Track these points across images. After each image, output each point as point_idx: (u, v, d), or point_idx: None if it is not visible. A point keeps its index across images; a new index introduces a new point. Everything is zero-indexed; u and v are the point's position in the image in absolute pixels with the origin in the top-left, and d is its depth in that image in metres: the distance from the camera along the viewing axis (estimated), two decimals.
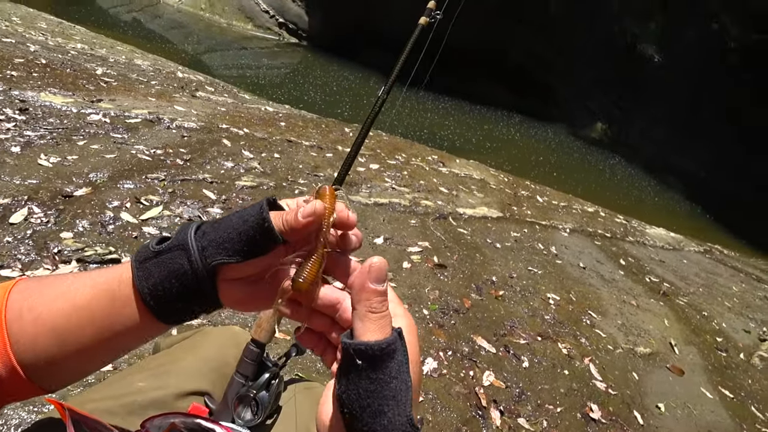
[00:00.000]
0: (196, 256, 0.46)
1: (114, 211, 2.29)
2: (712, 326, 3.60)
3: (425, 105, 11.34)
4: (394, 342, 0.39)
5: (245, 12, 13.46)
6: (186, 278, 0.46)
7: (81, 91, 3.71)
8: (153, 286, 0.46)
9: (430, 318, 2.43)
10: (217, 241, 0.46)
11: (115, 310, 0.47)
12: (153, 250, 0.47)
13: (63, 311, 0.46)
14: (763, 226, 11.61)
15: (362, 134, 0.89)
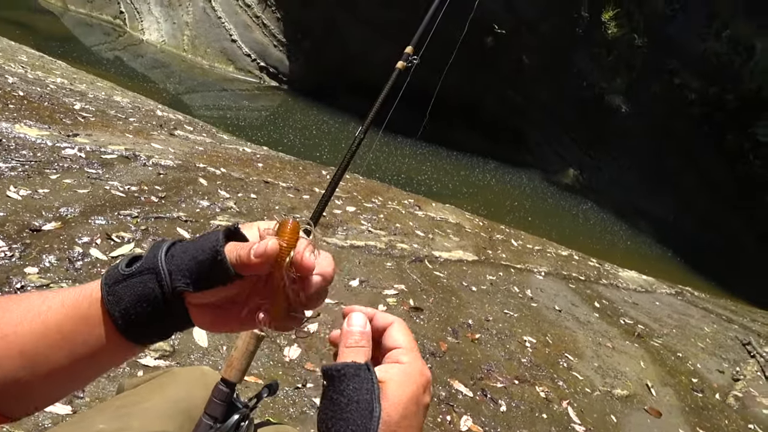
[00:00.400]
0: (167, 280, 0.45)
1: (83, 247, 2.22)
2: (687, 367, 3.63)
3: (403, 150, 11.56)
4: (353, 367, 0.44)
5: (227, 55, 13.71)
6: (157, 302, 0.46)
7: (57, 125, 3.67)
8: (124, 310, 0.46)
9: None
10: (181, 267, 0.46)
11: (86, 330, 0.46)
12: (123, 273, 0.47)
13: (32, 332, 0.45)
14: (729, 268, 12.01)
15: (339, 172, 0.90)
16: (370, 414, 0.42)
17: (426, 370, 0.48)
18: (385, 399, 0.44)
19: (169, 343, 1.90)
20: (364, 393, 0.43)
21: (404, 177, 9.90)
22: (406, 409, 0.44)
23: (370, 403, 0.42)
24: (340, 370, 0.44)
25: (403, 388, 0.45)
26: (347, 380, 0.44)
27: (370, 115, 0.89)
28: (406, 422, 0.44)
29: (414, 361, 0.48)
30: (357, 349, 0.47)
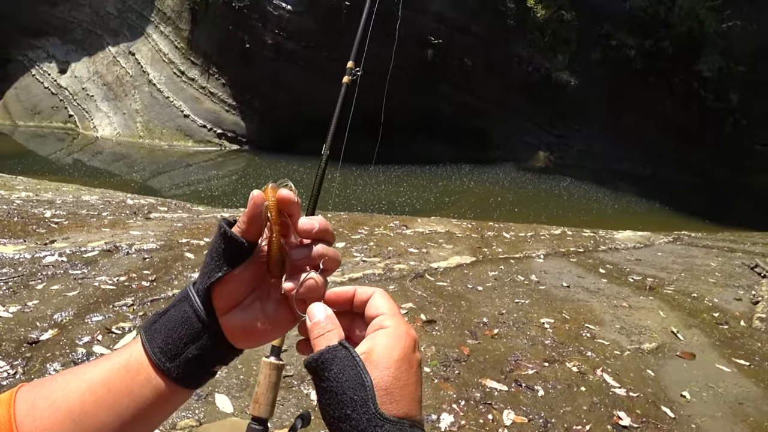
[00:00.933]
0: (196, 300, 0.50)
1: (86, 346, 2.18)
2: (705, 304, 3.65)
3: (377, 178, 11.66)
4: (328, 351, 0.46)
5: (183, 131, 13.81)
6: (191, 322, 0.50)
7: (32, 236, 3.63)
8: (162, 343, 0.49)
9: (433, 374, 2.36)
10: (203, 274, 0.51)
11: (129, 379, 0.48)
12: (158, 313, 0.51)
13: (79, 391, 0.46)
14: (716, 202, 12.26)
15: (317, 188, 0.91)
16: (363, 386, 0.44)
17: (411, 331, 0.49)
18: (374, 366, 0.45)
19: (194, 419, 1.85)
20: (349, 370, 0.45)
21: (385, 203, 9.96)
22: (398, 370, 0.45)
23: (358, 376, 0.44)
24: (318, 359, 0.46)
25: (389, 350, 0.46)
26: (328, 365, 0.45)
27: (330, 130, 0.91)
28: (400, 382, 0.45)
29: (397, 324, 0.49)
30: (326, 335, 0.48)
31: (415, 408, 0.46)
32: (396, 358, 0.46)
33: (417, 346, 0.49)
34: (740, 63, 12.87)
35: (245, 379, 2.11)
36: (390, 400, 0.44)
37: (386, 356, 0.46)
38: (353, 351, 0.46)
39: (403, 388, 0.45)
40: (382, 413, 0.43)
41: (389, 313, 0.50)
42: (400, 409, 0.44)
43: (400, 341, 0.47)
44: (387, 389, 0.44)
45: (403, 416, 0.44)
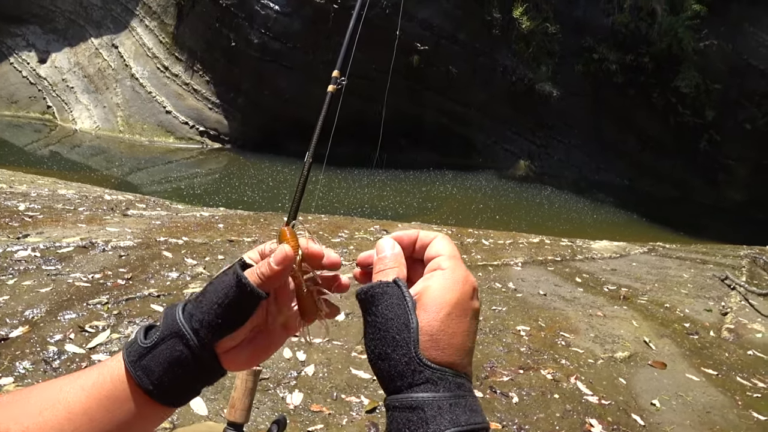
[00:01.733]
0: (194, 341, 0.46)
1: (57, 345, 2.13)
2: (677, 315, 3.74)
3: (360, 182, 11.66)
4: (380, 286, 0.45)
5: (165, 127, 13.61)
6: (188, 363, 0.46)
7: (4, 230, 3.54)
8: (157, 380, 0.46)
9: None
10: (207, 320, 0.47)
11: (114, 407, 0.45)
12: (145, 345, 0.47)
13: (56, 421, 0.43)
14: (690, 215, 12.59)
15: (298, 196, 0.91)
16: (407, 327, 0.42)
17: (470, 277, 0.47)
18: (423, 309, 0.43)
19: (168, 420, 1.83)
20: (396, 308, 0.43)
21: (368, 206, 9.96)
22: (448, 316, 0.43)
23: (404, 315, 0.43)
24: (367, 291, 0.45)
25: (442, 294, 0.44)
26: (377, 300, 0.45)
27: (314, 136, 0.92)
28: (450, 329, 0.43)
29: (456, 267, 0.47)
30: (386, 271, 0.48)
31: (463, 358, 0.43)
32: (449, 302, 0.44)
33: (476, 294, 0.47)
34: (716, 81, 13.24)
35: (220, 381, 2.09)
36: (434, 346, 0.42)
37: (438, 299, 0.44)
38: (406, 290, 0.45)
39: (452, 337, 0.43)
40: (422, 358, 0.41)
41: (448, 255, 0.48)
42: (444, 357, 0.42)
43: (456, 285, 0.45)
44: (433, 335, 0.42)
45: (447, 365, 0.42)
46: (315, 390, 2.17)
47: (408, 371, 0.41)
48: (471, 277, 0.47)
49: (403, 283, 0.46)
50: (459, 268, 0.47)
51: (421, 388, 0.41)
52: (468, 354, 0.44)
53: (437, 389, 0.41)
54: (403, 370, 0.42)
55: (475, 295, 0.47)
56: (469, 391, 0.43)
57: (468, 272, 0.47)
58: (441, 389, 0.41)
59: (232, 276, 0.48)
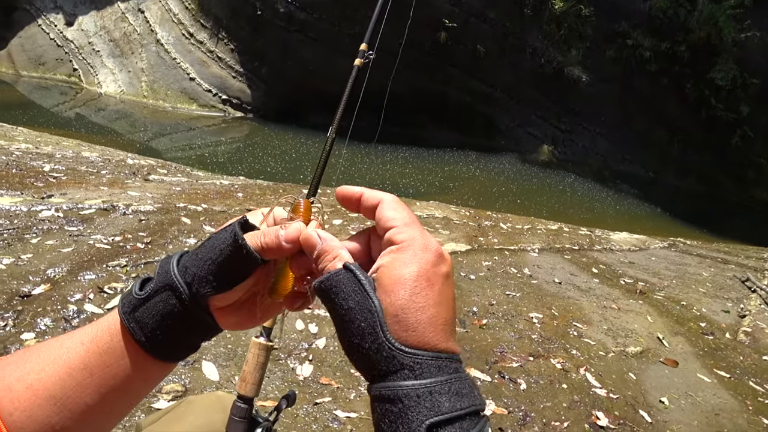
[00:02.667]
0: (186, 293, 0.45)
1: (77, 304, 2.19)
2: (693, 313, 3.68)
3: (384, 158, 11.60)
4: (332, 275, 0.42)
5: (188, 94, 13.65)
6: (180, 316, 0.45)
7: (30, 189, 3.61)
8: (150, 333, 0.45)
9: None
10: (200, 275, 0.45)
11: (113, 362, 0.45)
12: (139, 297, 0.46)
13: (57, 376, 0.44)
14: (714, 212, 12.28)
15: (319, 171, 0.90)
16: (370, 311, 0.40)
17: (430, 242, 0.43)
18: (383, 290, 0.40)
19: (180, 383, 1.87)
20: (354, 295, 0.41)
21: (390, 183, 9.93)
22: (412, 292, 0.40)
23: (364, 300, 0.40)
24: (320, 287, 0.43)
25: (400, 269, 0.41)
26: (332, 292, 0.42)
27: (338, 112, 0.90)
28: (416, 304, 0.40)
29: (411, 237, 0.43)
30: (332, 260, 0.44)
31: (439, 335, 0.40)
32: (409, 276, 0.40)
33: (441, 259, 0.43)
34: (754, 75, 12.73)
35: (233, 348, 2.13)
36: (402, 327, 0.39)
37: (396, 276, 0.41)
38: (359, 273, 0.42)
39: (420, 311, 0.39)
40: (393, 341, 0.39)
41: (401, 224, 0.44)
42: (417, 336, 0.39)
43: (414, 257, 0.42)
44: (398, 315, 0.39)
45: (422, 346, 0.39)
46: (325, 363, 2.20)
47: (380, 359, 0.39)
48: (431, 241, 0.44)
49: (355, 265, 0.43)
50: (415, 237, 0.43)
51: (397, 375, 0.38)
52: (445, 326, 0.41)
53: (414, 375, 0.38)
54: (375, 358, 0.39)
55: (441, 259, 0.43)
56: (454, 372, 0.39)
57: (427, 237, 0.44)
58: (418, 375, 0.38)
59: (230, 234, 0.46)
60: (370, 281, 0.42)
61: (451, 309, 0.42)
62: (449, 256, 0.45)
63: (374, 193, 0.48)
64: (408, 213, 0.46)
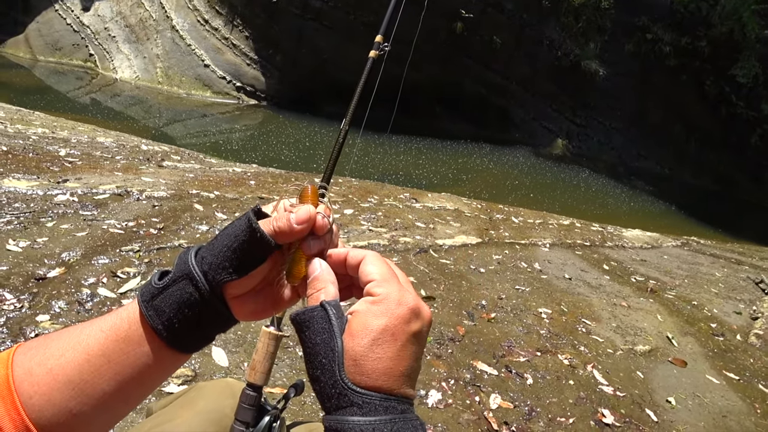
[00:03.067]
0: (203, 282, 0.47)
1: (90, 288, 2.23)
2: (704, 314, 3.64)
3: (397, 148, 11.56)
4: (308, 311, 0.45)
5: (202, 80, 13.70)
6: (197, 305, 0.47)
7: (46, 174, 3.67)
8: (167, 321, 0.47)
9: (426, 350, 2.39)
10: (216, 263, 0.48)
11: (130, 349, 0.47)
12: (157, 287, 0.48)
13: (76, 362, 0.45)
14: (730, 212, 12.08)
15: (331, 164, 0.91)
16: (332, 351, 0.43)
17: (406, 298, 0.46)
18: (349, 333, 0.43)
19: (190, 368, 1.90)
20: (322, 333, 0.44)
21: (403, 174, 9.91)
22: (374, 342, 0.43)
23: (330, 340, 0.43)
24: (296, 318, 0.46)
25: (369, 320, 0.44)
26: (305, 326, 0.45)
27: (352, 104, 0.90)
28: (375, 354, 0.43)
29: (387, 293, 0.45)
30: (314, 294, 0.48)
31: (392, 384, 0.43)
32: (375, 327, 0.43)
33: (414, 316, 0.45)
34: None
35: (242, 335, 2.16)
36: (358, 371, 0.42)
37: (362, 325, 0.43)
38: (332, 313, 0.45)
39: (377, 362, 0.42)
40: (346, 381, 0.42)
41: (380, 280, 0.46)
42: (370, 381, 0.42)
43: (385, 311, 0.44)
44: (357, 360, 0.42)
45: (373, 389, 0.42)
46: None
47: (334, 393, 0.42)
48: (407, 297, 0.46)
49: (332, 304, 0.46)
50: (391, 293, 0.46)
51: (346, 411, 0.42)
52: (401, 377, 0.43)
53: (362, 413, 0.41)
54: (330, 392, 0.43)
55: (414, 316, 0.45)
56: (401, 413, 0.42)
57: (404, 294, 0.46)
58: (365, 413, 0.41)
59: (244, 220, 0.48)
60: (341, 323, 0.45)
61: (413, 363, 0.45)
62: (428, 313, 0.48)
63: (358, 251, 0.50)
64: (387, 269, 0.48)
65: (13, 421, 0.42)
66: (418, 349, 0.46)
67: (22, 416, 0.43)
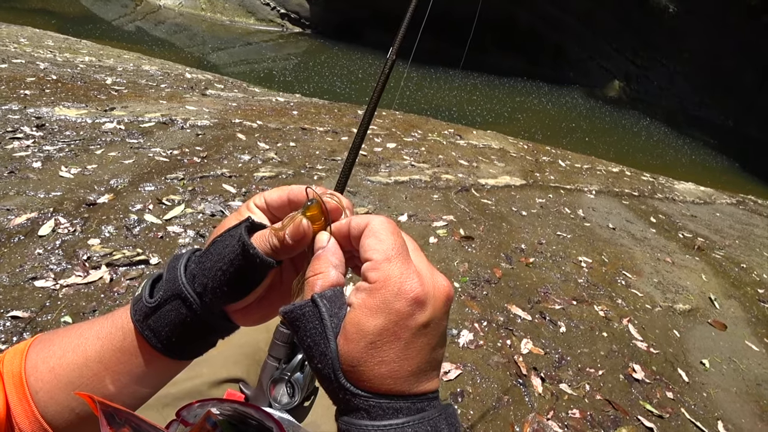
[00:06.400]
0: (198, 304, 0.43)
1: (137, 214, 2.31)
2: (752, 278, 3.48)
3: (454, 84, 11.17)
4: (298, 307, 0.38)
5: (246, 7, 13.40)
6: (194, 325, 0.44)
7: (93, 102, 3.75)
8: (166, 339, 0.44)
9: (461, 290, 2.40)
10: (211, 287, 0.43)
11: (127, 359, 0.45)
12: (150, 305, 0.44)
13: (76, 365, 0.45)
14: None
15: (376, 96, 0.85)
16: (325, 356, 0.37)
17: (407, 286, 0.37)
18: (344, 335, 0.37)
19: None
20: (314, 334, 0.38)
21: (456, 110, 9.62)
22: (372, 345, 0.36)
23: (323, 343, 0.37)
24: (286, 313, 0.39)
25: (364, 320, 0.36)
26: (296, 324, 0.38)
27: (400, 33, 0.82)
28: (375, 358, 0.36)
29: (386, 276, 0.37)
30: (312, 279, 0.40)
31: (402, 386, 0.37)
32: (371, 331, 0.36)
33: (417, 306, 0.37)
34: None
35: None
36: (358, 377, 0.36)
37: (357, 327, 0.36)
38: (324, 310, 0.38)
39: (379, 366, 0.36)
40: (347, 387, 0.36)
41: (380, 259, 0.38)
42: (375, 387, 0.36)
43: (383, 305, 0.36)
44: (354, 366, 0.36)
45: (381, 392, 0.36)
46: None
47: (338, 399, 0.37)
48: (409, 285, 0.37)
49: (327, 296, 0.38)
50: (390, 277, 0.37)
51: (354, 416, 0.37)
52: (411, 377, 0.37)
53: (370, 417, 0.36)
54: (334, 396, 0.38)
55: (419, 307, 0.37)
56: (417, 413, 0.36)
57: (405, 278, 0.37)
58: (374, 417, 0.36)
59: (237, 244, 0.42)
60: (336, 321, 0.38)
61: (426, 357, 0.38)
62: (442, 292, 0.39)
63: (361, 218, 0.42)
64: (392, 243, 0.39)
65: (24, 411, 0.43)
66: (431, 339, 0.38)
67: (32, 408, 0.44)
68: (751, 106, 12.90)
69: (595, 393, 1.96)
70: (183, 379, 0.77)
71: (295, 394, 0.80)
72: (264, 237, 0.42)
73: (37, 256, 1.91)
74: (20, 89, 3.71)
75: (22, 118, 3.11)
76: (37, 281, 1.78)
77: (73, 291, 1.78)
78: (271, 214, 0.47)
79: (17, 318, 1.61)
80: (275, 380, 0.81)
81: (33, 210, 2.16)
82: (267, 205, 0.47)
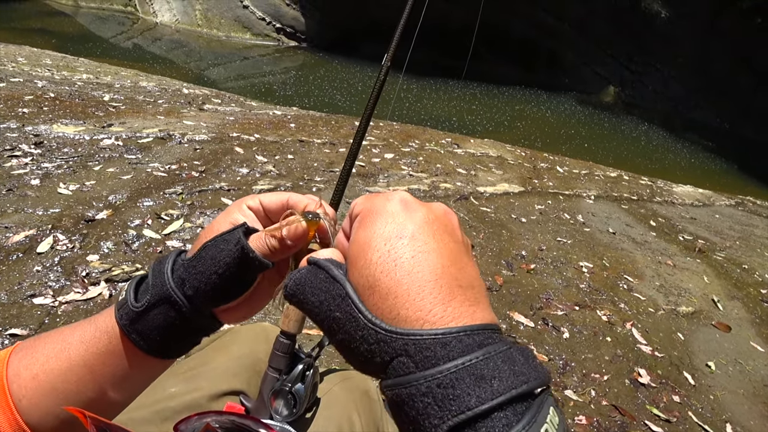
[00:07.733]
0: (188, 309, 0.44)
1: (136, 229, 2.31)
2: (755, 278, 3.46)
3: (451, 94, 11.23)
4: (290, 277, 0.37)
5: (242, 22, 13.52)
6: (184, 327, 0.45)
7: (91, 119, 3.76)
8: (153, 342, 0.45)
9: None
10: (203, 290, 0.43)
11: (113, 361, 0.45)
12: (136, 309, 0.44)
13: (60, 370, 0.44)
14: None
15: (371, 105, 0.86)
16: (340, 295, 0.33)
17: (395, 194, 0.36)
18: (350, 264, 0.35)
19: None
20: (321, 284, 0.35)
21: (456, 120, 9.65)
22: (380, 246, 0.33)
23: (332, 285, 0.34)
24: (288, 288, 0.37)
25: (361, 233, 0.35)
26: (300, 289, 0.36)
27: (394, 39, 0.83)
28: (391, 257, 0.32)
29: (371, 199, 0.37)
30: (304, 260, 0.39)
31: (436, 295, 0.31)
32: (371, 234, 0.34)
33: (410, 205, 0.35)
34: None
35: None
36: (381, 297, 0.31)
37: (357, 246, 0.34)
38: (324, 262, 0.36)
39: (396, 269, 0.32)
40: (375, 321, 0.31)
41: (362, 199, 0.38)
42: (402, 304, 0.30)
43: (376, 214, 0.35)
44: (371, 284, 0.32)
45: (415, 318, 0.30)
46: None
47: (367, 351, 0.31)
48: (396, 193, 0.36)
49: (325, 259, 0.37)
50: (376, 199, 0.37)
51: (392, 370, 0.30)
52: (440, 280, 0.31)
53: (415, 363, 0.29)
54: (362, 350, 0.32)
55: (410, 206, 0.35)
56: (478, 348, 0.28)
57: (393, 193, 0.36)
58: (419, 363, 0.29)
59: (235, 248, 0.42)
60: (339, 264, 0.36)
61: (443, 255, 0.33)
62: (440, 205, 0.37)
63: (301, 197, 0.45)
64: (373, 201, 0.37)
65: (8, 420, 0.43)
66: (445, 238, 0.34)
67: (15, 416, 0.43)
68: (746, 109, 12.97)
69: (601, 398, 1.94)
70: (182, 393, 0.76)
71: (297, 406, 0.79)
72: (261, 239, 0.43)
73: (36, 273, 1.90)
74: (18, 107, 3.73)
75: (20, 136, 3.12)
76: (36, 298, 1.77)
77: (72, 308, 1.77)
78: (266, 218, 0.48)
79: (16, 336, 1.60)
80: (276, 392, 0.80)
81: (31, 227, 2.15)
82: (264, 208, 0.47)
